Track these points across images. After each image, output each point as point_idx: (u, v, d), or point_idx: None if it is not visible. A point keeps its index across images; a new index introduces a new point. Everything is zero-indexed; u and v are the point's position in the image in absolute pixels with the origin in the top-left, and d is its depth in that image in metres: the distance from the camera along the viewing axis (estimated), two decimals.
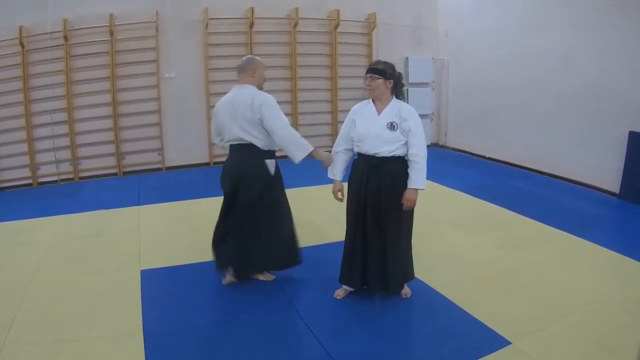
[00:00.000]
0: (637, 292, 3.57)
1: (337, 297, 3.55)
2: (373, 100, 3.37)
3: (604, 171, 6.22)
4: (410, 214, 3.42)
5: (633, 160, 5.78)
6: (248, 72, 3.58)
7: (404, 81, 3.50)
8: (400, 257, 3.43)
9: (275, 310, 3.41)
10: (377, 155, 3.27)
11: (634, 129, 5.76)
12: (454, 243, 4.60)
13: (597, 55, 6.18)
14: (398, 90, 3.41)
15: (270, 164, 3.61)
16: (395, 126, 3.25)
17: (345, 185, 3.49)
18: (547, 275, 3.87)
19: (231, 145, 3.63)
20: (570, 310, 3.33)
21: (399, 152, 3.29)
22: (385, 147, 3.25)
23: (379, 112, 3.32)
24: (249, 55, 3.73)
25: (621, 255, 4.18)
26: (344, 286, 3.57)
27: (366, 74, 3.34)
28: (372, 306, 3.44)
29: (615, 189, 6.05)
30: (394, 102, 3.35)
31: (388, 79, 3.29)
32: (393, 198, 3.28)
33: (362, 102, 3.47)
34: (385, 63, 3.35)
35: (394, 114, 3.28)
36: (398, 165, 3.31)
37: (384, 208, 3.30)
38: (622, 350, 2.83)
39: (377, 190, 3.29)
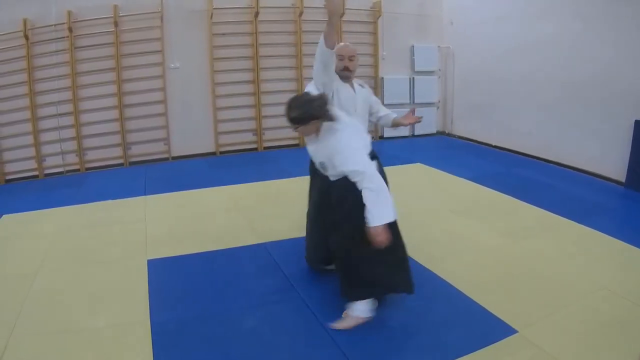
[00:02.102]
0: None
1: None
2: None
3: (610, 160, 6.19)
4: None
5: (639, 149, 5.74)
6: None
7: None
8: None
9: (284, 301, 3.41)
10: None
11: (639, 118, 5.73)
12: (459, 231, 4.59)
13: (602, 44, 6.11)
14: (328, 117, 2.86)
15: None
16: (326, 168, 2.99)
17: None
18: (552, 264, 3.86)
19: None
20: (575, 298, 3.33)
21: None
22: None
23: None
24: None
25: (627, 244, 4.16)
26: None
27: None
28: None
29: (621, 177, 6.01)
30: (323, 137, 2.92)
31: (308, 121, 2.83)
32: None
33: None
34: (297, 107, 2.83)
35: (325, 154, 2.95)
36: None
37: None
38: (628, 339, 2.83)
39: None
